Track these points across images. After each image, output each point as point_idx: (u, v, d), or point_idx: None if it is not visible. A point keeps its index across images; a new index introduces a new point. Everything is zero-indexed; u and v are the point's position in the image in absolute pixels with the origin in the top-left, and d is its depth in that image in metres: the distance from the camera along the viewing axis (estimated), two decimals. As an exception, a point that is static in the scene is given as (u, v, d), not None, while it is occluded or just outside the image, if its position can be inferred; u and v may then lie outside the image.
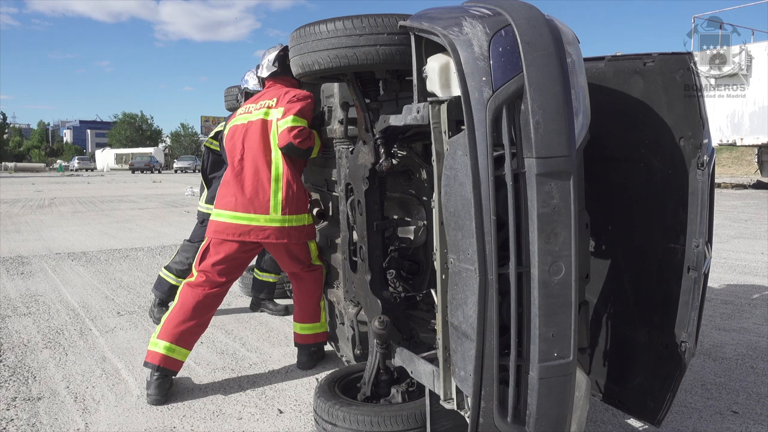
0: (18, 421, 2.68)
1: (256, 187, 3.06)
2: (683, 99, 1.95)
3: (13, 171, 51.91)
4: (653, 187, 2.10)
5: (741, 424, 2.60)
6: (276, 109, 3.10)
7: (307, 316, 3.30)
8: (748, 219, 10.01)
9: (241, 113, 3.26)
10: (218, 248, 3.11)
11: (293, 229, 3.09)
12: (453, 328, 1.72)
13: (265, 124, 3.10)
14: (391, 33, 2.03)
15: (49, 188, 23.49)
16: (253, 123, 3.13)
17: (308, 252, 3.24)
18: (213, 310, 3.17)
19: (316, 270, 3.29)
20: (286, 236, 3.08)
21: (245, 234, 3.05)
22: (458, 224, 1.63)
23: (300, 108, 3.04)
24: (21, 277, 5.87)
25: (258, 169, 3.07)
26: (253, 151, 3.10)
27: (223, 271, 3.11)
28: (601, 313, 2.33)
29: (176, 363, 2.98)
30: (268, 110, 3.12)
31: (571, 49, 1.66)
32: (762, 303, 4.61)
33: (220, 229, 3.09)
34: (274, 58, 3.29)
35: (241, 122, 3.21)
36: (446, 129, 1.71)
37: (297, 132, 2.98)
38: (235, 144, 3.18)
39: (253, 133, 3.11)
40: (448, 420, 2.00)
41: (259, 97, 3.25)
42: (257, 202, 3.05)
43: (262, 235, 3.05)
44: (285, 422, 2.67)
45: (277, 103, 3.11)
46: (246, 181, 3.08)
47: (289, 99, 3.08)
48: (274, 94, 3.17)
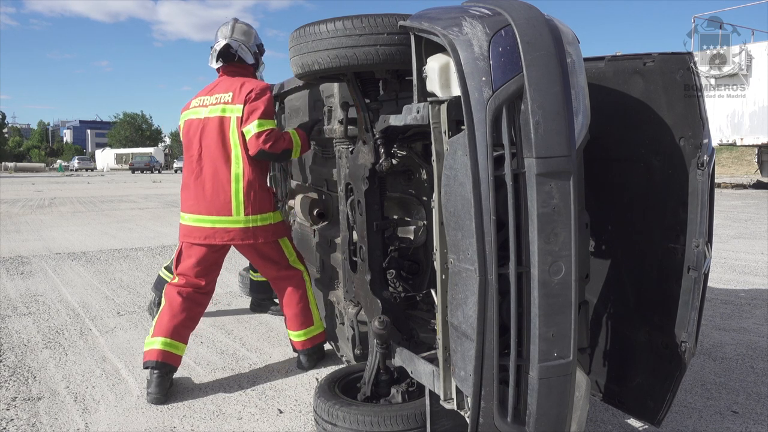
0: (18, 421, 2.68)
1: (216, 188, 2.98)
2: (683, 99, 1.95)
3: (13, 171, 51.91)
4: (653, 187, 2.10)
5: (741, 424, 2.60)
6: (233, 106, 2.96)
7: (298, 322, 3.23)
8: (748, 219, 10.01)
9: (195, 105, 3.12)
10: (189, 252, 3.09)
11: (259, 229, 3.01)
12: (453, 328, 1.72)
13: (222, 121, 2.98)
14: (391, 33, 2.02)
15: (49, 188, 23.49)
16: (210, 120, 3.00)
17: (282, 252, 3.16)
18: (203, 306, 3.17)
19: (295, 272, 3.22)
20: (251, 237, 3.01)
21: (210, 237, 3.00)
22: (458, 224, 1.63)
23: (263, 109, 2.92)
24: (21, 277, 5.87)
25: (217, 170, 2.98)
26: (210, 151, 2.99)
27: (200, 273, 3.10)
28: (601, 313, 2.33)
29: (175, 357, 2.98)
30: (225, 107, 2.98)
31: (571, 49, 1.66)
32: (762, 303, 4.61)
33: (187, 233, 3.06)
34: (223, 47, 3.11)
35: (196, 117, 3.08)
36: (446, 129, 1.71)
37: (265, 136, 2.88)
38: (191, 141, 3.07)
39: (210, 132, 3.00)
40: (448, 420, 2.00)
41: (213, 88, 3.11)
42: (218, 203, 2.97)
43: (227, 237, 2.99)
44: (285, 422, 2.67)
45: (234, 99, 2.97)
46: (206, 182, 3.00)
47: (246, 95, 2.93)
48: (229, 87, 3.03)
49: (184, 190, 3.12)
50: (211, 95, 3.06)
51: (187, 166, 3.11)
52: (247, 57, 3.16)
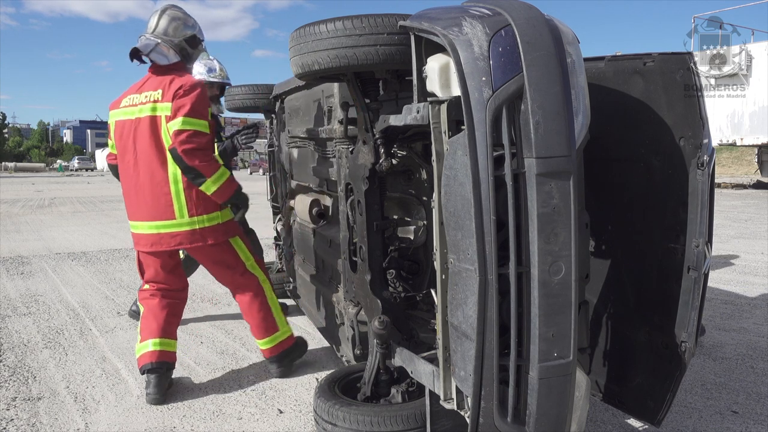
0: (18, 421, 2.68)
1: (156, 192, 2.81)
2: (683, 99, 1.95)
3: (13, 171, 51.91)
4: (653, 187, 2.10)
5: (741, 424, 2.60)
6: (163, 104, 2.76)
7: (263, 329, 3.11)
8: (748, 219, 10.01)
9: (125, 105, 2.91)
10: (146, 260, 3.02)
11: (207, 230, 2.86)
12: (453, 328, 1.72)
13: (154, 121, 2.79)
14: (391, 33, 2.02)
15: (49, 188, 23.48)
16: (142, 121, 2.81)
17: (236, 256, 3.02)
18: (182, 300, 3.14)
19: (252, 279, 3.09)
20: (200, 239, 2.86)
21: (156, 244, 2.87)
22: (458, 224, 1.63)
23: (190, 107, 2.70)
24: (21, 277, 5.87)
25: (153, 173, 2.81)
26: (146, 154, 2.81)
27: (166, 278, 3.03)
28: (601, 313, 2.33)
29: (170, 354, 2.97)
30: (155, 105, 2.78)
31: (571, 49, 1.66)
32: (762, 303, 4.61)
33: (136, 242, 2.98)
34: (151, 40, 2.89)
35: (128, 117, 2.88)
36: (446, 129, 1.71)
37: (185, 137, 2.67)
38: (126, 145, 2.88)
39: (142, 134, 2.81)
40: (448, 420, 2.00)
41: (142, 85, 2.90)
42: (160, 207, 2.82)
43: (174, 242, 2.85)
44: (285, 422, 2.67)
45: (163, 97, 2.76)
46: (145, 187, 2.84)
47: (175, 91, 2.74)
48: (159, 84, 2.82)
49: (125, 197, 2.97)
50: (140, 93, 2.87)
51: (124, 172, 2.94)
52: (160, 58, 2.90)
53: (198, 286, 5.36)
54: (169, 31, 2.93)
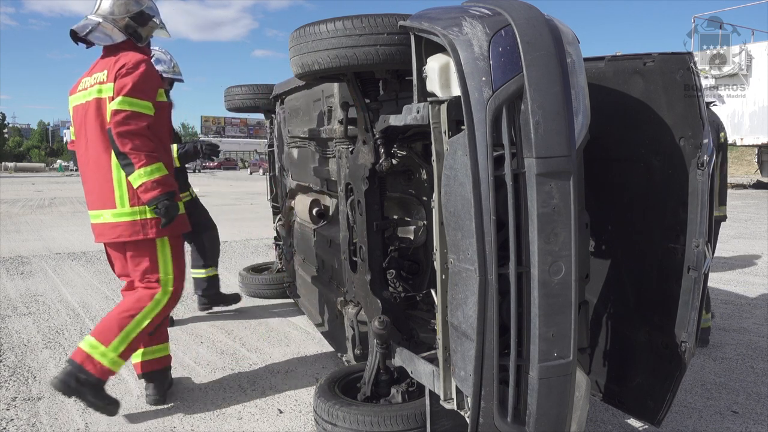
0: (18, 421, 2.68)
1: (100, 179, 2.63)
2: (683, 99, 1.95)
3: (13, 171, 51.88)
4: (653, 187, 2.10)
5: (741, 424, 2.60)
6: (107, 85, 2.59)
7: (102, 334, 2.59)
8: (748, 219, 10.01)
9: (80, 89, 2.76)
10: (110, 252, 2.82)
11: (149, 222, 2.61)
12: (453, 328, 1.72)
13: (99, 104, 2.62)
14: (391, 33, 2.03)
15: (49, 188, 23.48)
16: (91, 105, 2.65)
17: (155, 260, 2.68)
18: None
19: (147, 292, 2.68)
20: (140, 231, 2.61)
21: (101, 234, 2.68)
22: (458, 224, 1.63)
23: (131, 86, 2.50)
24: (21, 277, 5.87)
25: (99, 159, 2.62)
26: (93, 139, 2.64)
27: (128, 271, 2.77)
28: (601, 313, 2.33)
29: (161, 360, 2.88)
30: (101, 87, 2.62)
31: (571, 49, 1.66)
32: (762, 303, 4.61)
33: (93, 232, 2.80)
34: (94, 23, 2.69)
35: (80, 102, 2.73)
36: (446, 129, 1.71)
37: (122, 117, 2.46)
38: (79, 131, 2.72)
39: (90, 118, 2.64)
40: (448, 420, 2.00)
41: (93, 67, 2.76)
42: (104, 195, 2.62)
43: (114, 234, 2.63)
44: (285, 422, 2.67)
45: (108, 77, 2.60)
46: (92, 174, 2.66)
47: (117, 70, 2.56)
48: (105, 65, 2.66)
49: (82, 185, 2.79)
50: (90, 76, 2.71)
51: (79, 159, 2.76)
52: (102, 39, 2.71)
53: (198, 286, 5.36)
54: (114, 11, 2.74)
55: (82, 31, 2.70)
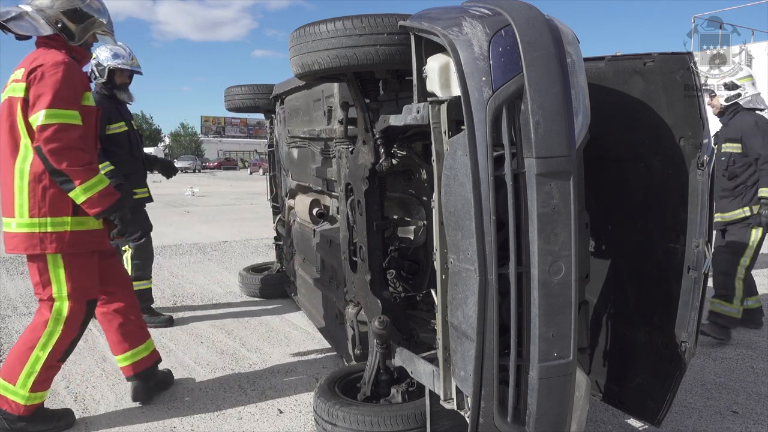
0: (18, 421, 2.67)
1: (5, 184, 2.44)
2: (683, 99, 1.95)
3: None
4: (653, 187, 2.10)
5: (741, 424, 2.60)
6: (20, 84, 2.36)
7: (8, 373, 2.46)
8: (748, 219, 9.99)
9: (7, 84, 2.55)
10: None
11: (48, 237, 2.38)
12: (453, 328, 1.72)
13: (11, 103, 2.40)
14: (391, 33, 2.03)
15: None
16: (4, 102, 2.46)
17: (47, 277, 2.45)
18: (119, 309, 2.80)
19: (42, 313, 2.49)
20: (38, 245, 2.38)
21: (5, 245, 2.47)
22: (458, 224, 1.63)
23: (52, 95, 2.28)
24: (21, 277, 5.87)
25: (6, 161, 2.43)
26: (2, 140, 2.45)
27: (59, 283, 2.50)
28: (601, 313, 2.33)
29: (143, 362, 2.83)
30: (15, 86, 2.39)
31: (571, 49, 1.67)
32: (762, 303, 4.61)
33: None
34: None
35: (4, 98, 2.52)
36: (446, 129, 1.71)
37: (51, 133, 2.27)
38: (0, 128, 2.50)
39: (3, 116, 2.45)
40: (448, 420, 2.00)
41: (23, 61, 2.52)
42: (7, 202, 2.43)
43: (11, 245, 2.43)
44: (285, 422, 2.68)
45: (23, 76, 2.36)
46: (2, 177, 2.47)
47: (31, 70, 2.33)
48: (25, 61, 2.45)
49: None
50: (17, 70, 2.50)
51: None
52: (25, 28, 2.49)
53: (198, 286, 5.37)
54: (47, 2, 2.50)
55: (3, 17, 2.46)
